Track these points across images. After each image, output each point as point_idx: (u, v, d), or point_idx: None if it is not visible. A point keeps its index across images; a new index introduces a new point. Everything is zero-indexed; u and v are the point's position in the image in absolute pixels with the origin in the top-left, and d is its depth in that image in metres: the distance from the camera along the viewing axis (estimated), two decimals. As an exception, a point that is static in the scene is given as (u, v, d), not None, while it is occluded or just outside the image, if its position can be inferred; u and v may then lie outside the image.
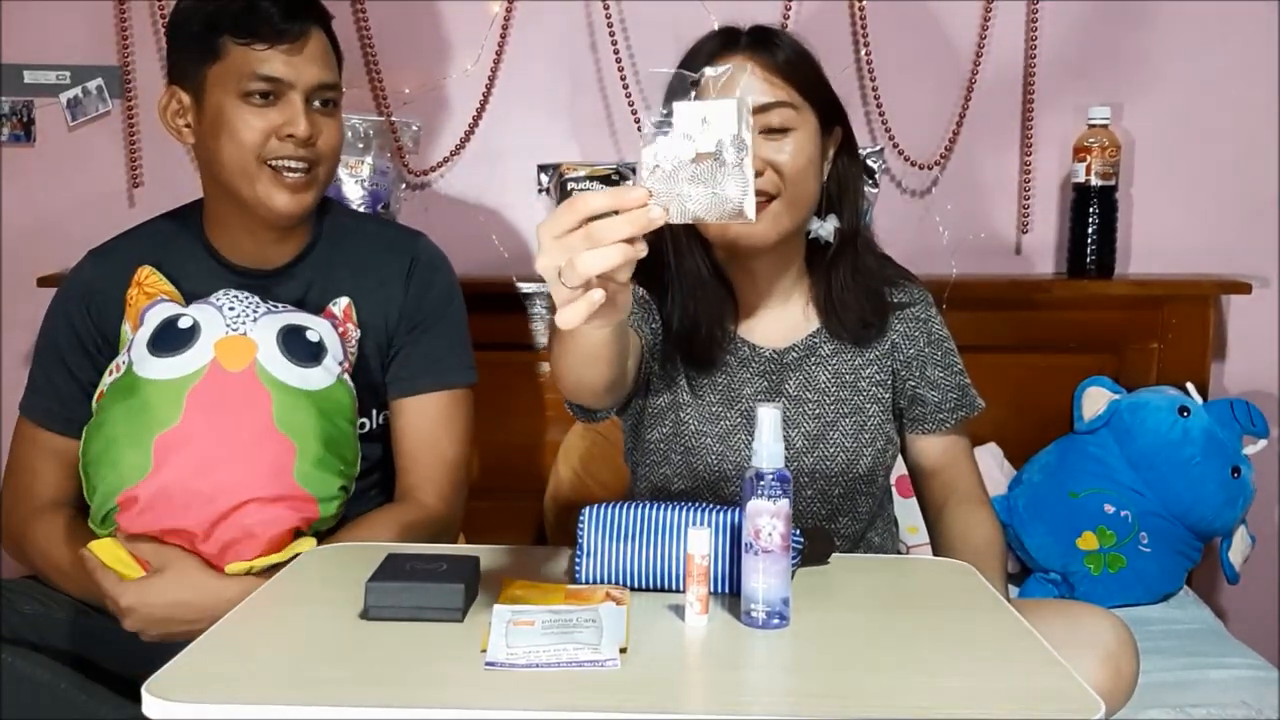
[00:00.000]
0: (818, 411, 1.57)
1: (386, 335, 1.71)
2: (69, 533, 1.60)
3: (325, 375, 1.56)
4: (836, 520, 1.59)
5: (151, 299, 1.59)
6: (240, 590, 1.43)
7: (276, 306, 1.59)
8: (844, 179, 1.58)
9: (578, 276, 0.98)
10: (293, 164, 1.62)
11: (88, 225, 1.80)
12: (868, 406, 1.58)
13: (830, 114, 1.54)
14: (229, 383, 1.49)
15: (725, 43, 1.51)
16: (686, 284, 1.55)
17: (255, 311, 1.56)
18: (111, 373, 1.56)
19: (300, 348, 1.55)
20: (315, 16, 1.65)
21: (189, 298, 1.62)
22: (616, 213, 0.99)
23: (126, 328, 1.60)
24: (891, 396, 1.60)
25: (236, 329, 1.52)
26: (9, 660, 1.42)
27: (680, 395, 1.57)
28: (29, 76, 2.39)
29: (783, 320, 1.59)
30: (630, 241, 0.99)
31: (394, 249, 1.75)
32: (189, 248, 1.70)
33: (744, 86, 1.02)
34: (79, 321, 1.69)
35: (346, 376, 1.60)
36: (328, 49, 1.66)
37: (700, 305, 1.54)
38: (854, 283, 1.57)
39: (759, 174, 1.45)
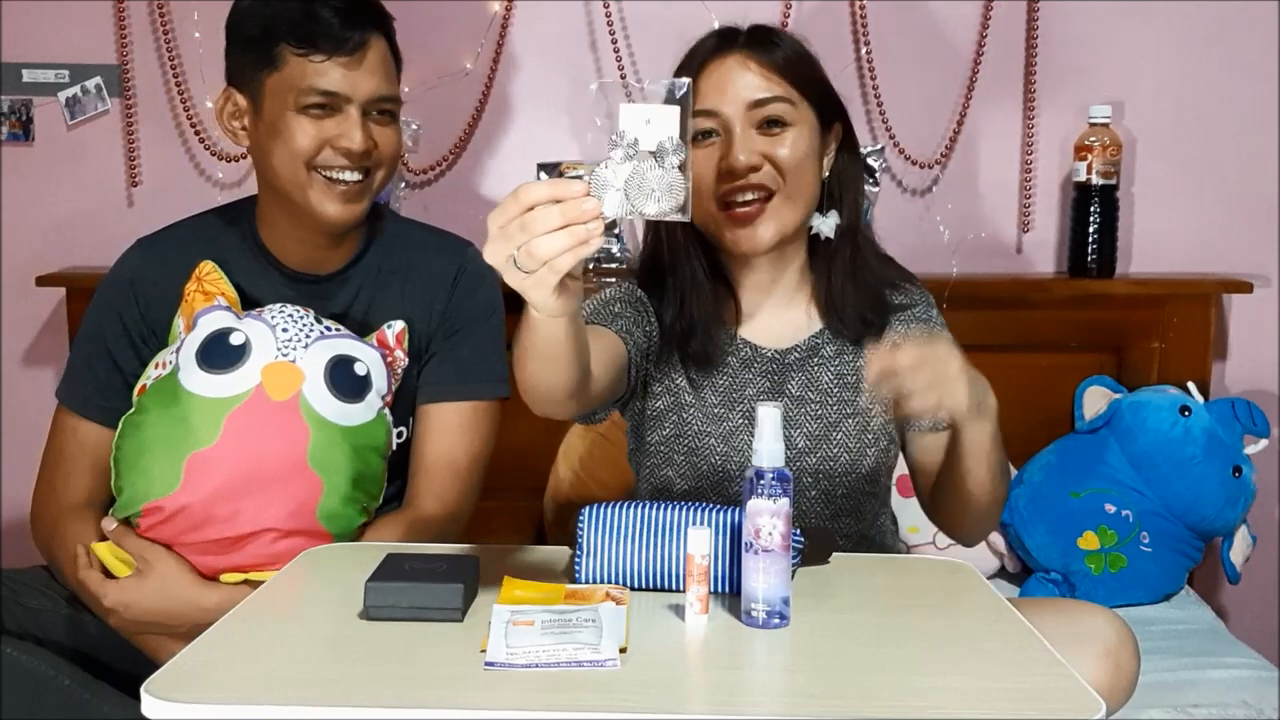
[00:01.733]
0: (820, 412, 1.57)
1: (425, 340, 1.70)
2: (90, 539, 1.58)
3: (366, 411, 1.56)
4: (840, 520, 1.59)
5: (210, 300, 1.57)
6: (219, 599, 1.47)
7: (329, 330, 1.58)
8: (844, 175, 1.58)
9: (534, 260, 1.03)
10: (346, 175, 1.60)
11: (86, 224, 1.80)
12: (871, 407, 1.58)
13: (829, 111, 1.55)
14: (270, 411, 1.49)
15: (723, 41, 1.52)
16: (683, 285, 1.55)
17: (308, 336, 1.54)
18: (157, 367, 1.56)
19: (346, 381, 1.54)
20: (376, 23, 1.61)
21: (244, 293, 1.61)
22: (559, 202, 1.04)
23: (179, 323, 1.59)
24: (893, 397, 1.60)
25: (287, 354, 1.52)
26: (11, 655, 1.43)
27: (682, 397, 1.57)
28: (28, 75, 2.39)
29: (785, 320, 1.59)
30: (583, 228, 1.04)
31: (442, 256, 1.73)
32: (241, 246, 1.69)
33: (691, 99, 1.13)
34: (126, 311, 1.67)
35: (387, 411, 1.60)
36: (387, 57, 1.63)
37: (696, 306, 1.55)
38: (854, 278, 1.57)
39: (757, 168, 1.47)
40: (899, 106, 2.41)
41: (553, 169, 2.37)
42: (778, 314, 1.59)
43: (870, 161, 2.36)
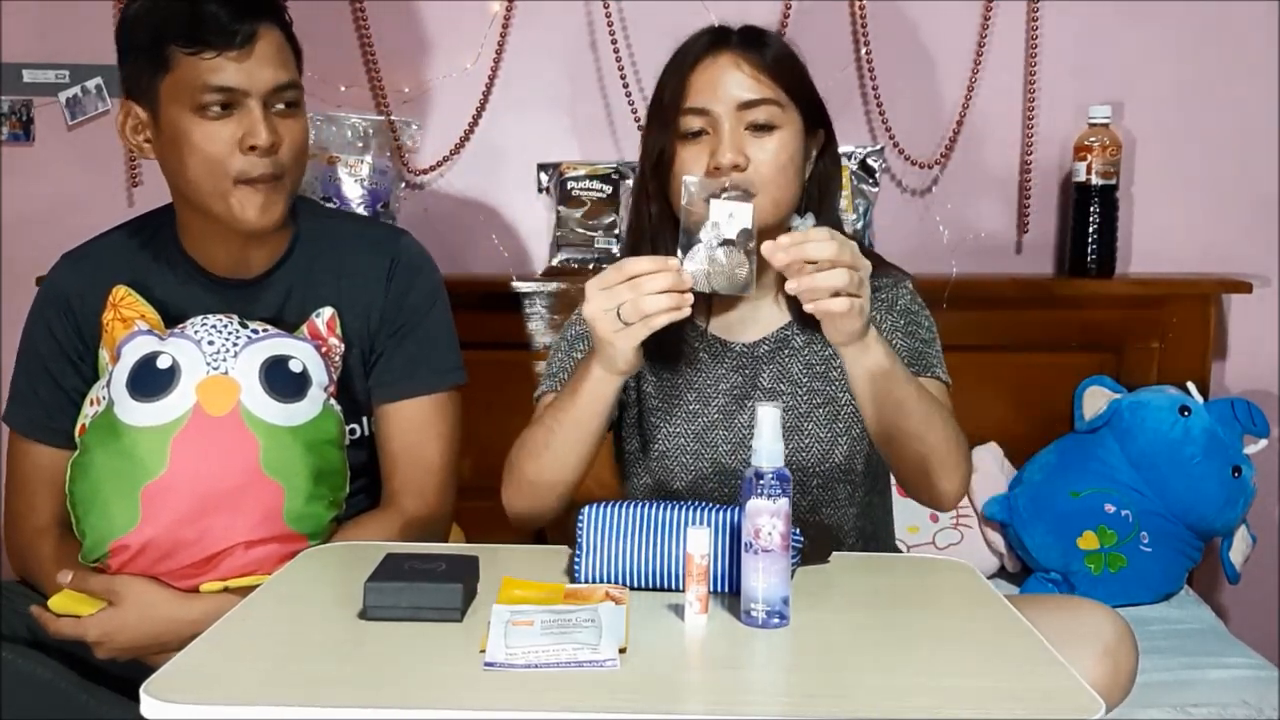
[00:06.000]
0: (791, 404, 1.57)
1: (369, 338, 1.67)
2: (60, 556, 1.58)
3: (311, 406, 1.53)
4: (819, 512, 1.59)
5: (128, 326, 1.53)
6: (203, 609, 1.45)
7: (256, 332, 1.54)
8: (824, 180, 1.60)
9: (638, 313, 1.27)
10: (260, 181, 1.56)
11: (87, 224, 1.79)
12: (840, 395, 1.58)
13: (814, 116, 1.56)
14: (213, 428, 1.47)
15: (715, 41, 1.53)
16: None
17: (236, 344, 1.51)
18: (92, 404, 1.54)
19: (284, 381, 1.51)
20: (266, 12, 1.56)
21: (168, 310, 1.58)
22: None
23: (104, 355, 1.56)
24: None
25: (218, 368, 1.49)
26: (10, 659, 1.42)
27: (650, 402, 1.58)
28: (28, 75, 2.39)
29: (755, 314, 1.60)
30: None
31: (374, 249, 1.70)
32: (165, 255, 1.66)
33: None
34: (59, 328, 1.65)
35: (333, 401, 1.58)
36: (283, 45, 1.58)
37: None
38: None
39: (741, 168, 1.48)
40: (899, 106, 2.41)
41: (553, 169, 2.37)
42: (748, 308, 1.60)
43: (870, 161, 2.36)
